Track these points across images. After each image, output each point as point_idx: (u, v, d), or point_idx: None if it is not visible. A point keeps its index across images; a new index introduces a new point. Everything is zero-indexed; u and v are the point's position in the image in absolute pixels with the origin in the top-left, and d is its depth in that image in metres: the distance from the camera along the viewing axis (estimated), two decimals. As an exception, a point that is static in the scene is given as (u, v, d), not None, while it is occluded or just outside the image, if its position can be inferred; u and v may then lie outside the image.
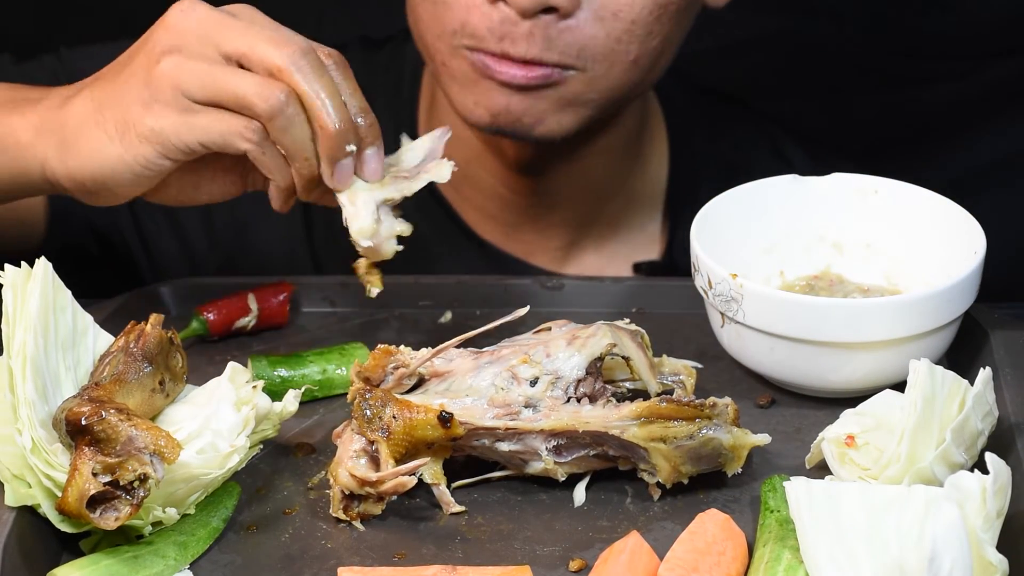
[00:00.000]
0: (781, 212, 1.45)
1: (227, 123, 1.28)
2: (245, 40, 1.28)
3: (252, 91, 1.27)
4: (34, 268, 1.25)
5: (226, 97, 1.27)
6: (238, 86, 1.27)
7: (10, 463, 1.19)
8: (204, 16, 1.28)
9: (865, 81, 1.98)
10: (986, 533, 1.11)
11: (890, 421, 1.24)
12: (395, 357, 1.28)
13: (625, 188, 1.70)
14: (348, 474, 1.23)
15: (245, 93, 1.27)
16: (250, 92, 1.27)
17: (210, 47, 1.28)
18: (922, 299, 1.30)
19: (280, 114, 1.27)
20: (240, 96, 1.27)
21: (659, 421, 1.23)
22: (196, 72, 1.27)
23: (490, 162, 1.65)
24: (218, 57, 1.28)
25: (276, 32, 1.29)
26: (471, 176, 1.68)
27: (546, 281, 1.51)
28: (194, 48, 1.28)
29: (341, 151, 1.30)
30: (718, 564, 1.15)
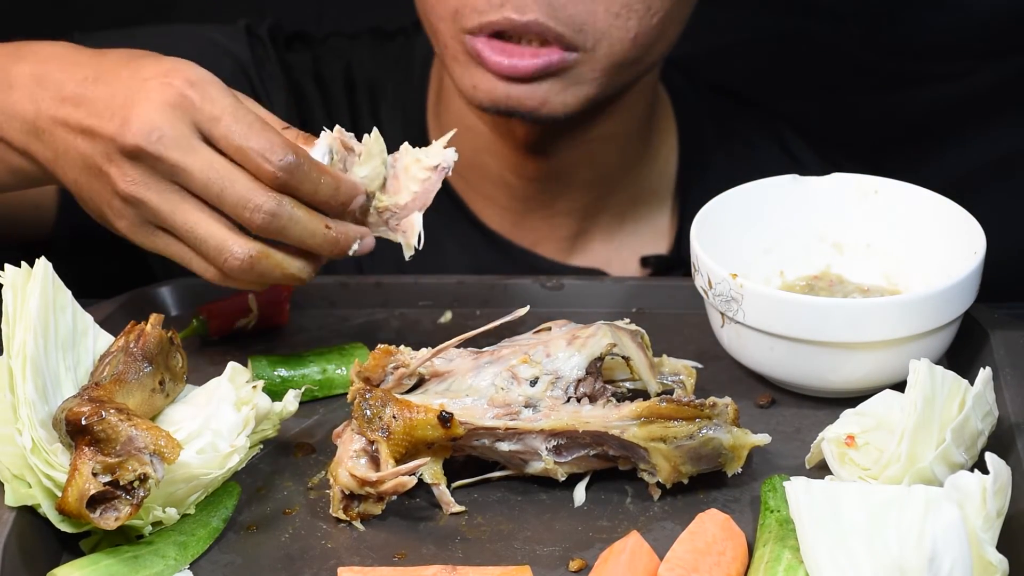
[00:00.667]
0: (781, 212, 1.45)
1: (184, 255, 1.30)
2: (210, 192, 1.26)
3: (211, 253, 1.27)
4: (34, 268, 1.25)
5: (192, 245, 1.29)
6: (201, 245, 1.27)
7: (10, 463, 1.19)
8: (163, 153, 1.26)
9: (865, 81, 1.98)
10: (986, 533, 1.11)
11: (890, 421, 1.24)
12: (395, 357, 1.28)
13: (633, 179, 1.71)
14: (348, 474, 1.23)
15: (208, 253, 1.28)
16: (210, 254, 1.27)
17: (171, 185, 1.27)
18: (922, 299, 1.30)
19: (247, 273, 1.28)
20: (203, 252, 1.28)
21: (659, 421, 1.23)
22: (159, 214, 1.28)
23: (498, 148, 1.65)
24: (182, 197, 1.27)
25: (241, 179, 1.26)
26: (479, 164, 1.67)
27: (546, 281, 1.51)
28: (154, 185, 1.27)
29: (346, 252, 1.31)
30: (718, 564, 1.15)
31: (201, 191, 1.26)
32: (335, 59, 1.75)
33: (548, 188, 1.67)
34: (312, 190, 1.27)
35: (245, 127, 1.26)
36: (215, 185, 1.25)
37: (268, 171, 1.25)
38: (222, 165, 1.26)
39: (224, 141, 1.26)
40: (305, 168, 1.26)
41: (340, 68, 1.74)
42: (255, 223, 1.26)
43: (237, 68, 1.70)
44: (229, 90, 1.28)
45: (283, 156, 1.25)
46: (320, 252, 1.29)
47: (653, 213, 1.73)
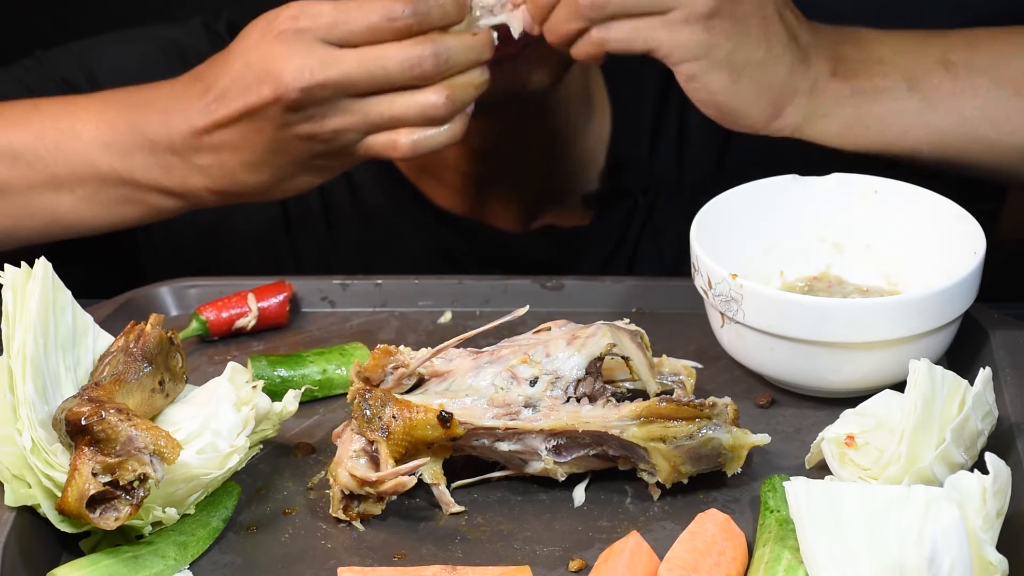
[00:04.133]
0: (781, 212, 1.45)
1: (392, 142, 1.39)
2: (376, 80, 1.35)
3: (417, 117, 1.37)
4: (34, 268, 1.25)
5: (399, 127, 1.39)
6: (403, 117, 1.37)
7: (10, 463, 1.19)
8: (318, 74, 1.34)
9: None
10: (986, 533, 1.11)
11: (890, 421, 1.24)
12: (395, 357, 1.28)
13: (579, 141, 1.71)
14: (348, 474, 1.23)
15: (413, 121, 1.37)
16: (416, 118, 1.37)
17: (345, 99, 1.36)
18: (922, 299, 1.30)
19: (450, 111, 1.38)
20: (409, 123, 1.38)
21: (659, 421, 1.23)
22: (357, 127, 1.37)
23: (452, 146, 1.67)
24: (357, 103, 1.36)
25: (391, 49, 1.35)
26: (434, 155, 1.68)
27: (546, 281, 1.51)
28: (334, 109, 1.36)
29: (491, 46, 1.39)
30: (718, 564, 1.15)
31: (370, 85, 1.34)
32: None
33: (500, 169, 1.68)
34: (441, 14, 1.35)
35: (356, 12, 1.34)
36: (376, 71, 1.34)
37: (400, 26, 1.34)
38: (370, 52, 1.34)
39: (353, 35, 1.34)
40: (425, 2, 1.35)
41: None
42: (429, 71, 1.34)
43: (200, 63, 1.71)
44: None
45: (403, 6, 1.34)
46: (482, 58, 1.37)
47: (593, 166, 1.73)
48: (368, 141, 1.38)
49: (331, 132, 1.36)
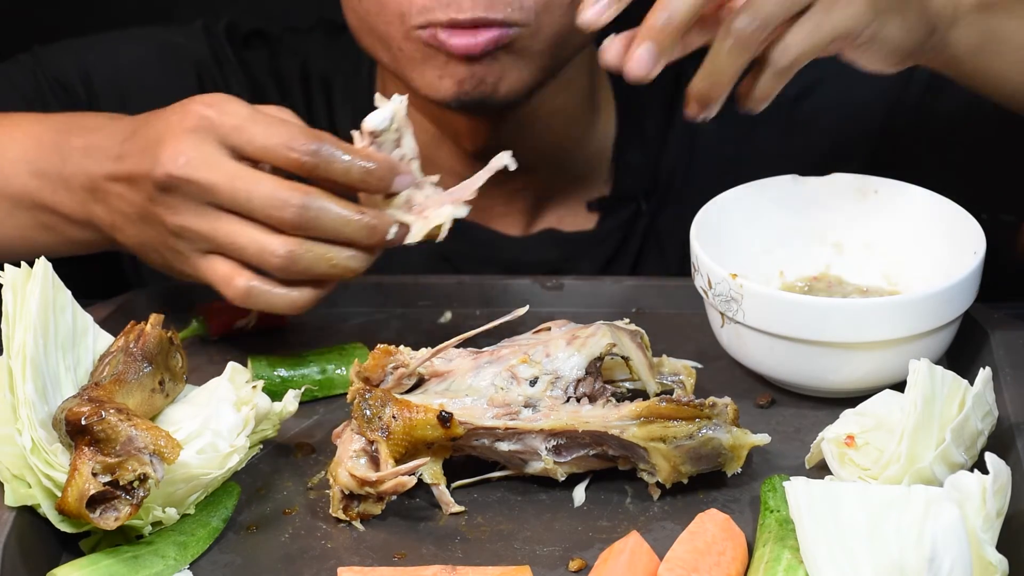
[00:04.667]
0: (781, 212, 1.45)
1: (221, 273, 1.31)
2: (238, 202, 1.28)
3: (252, 255, 1.29)
4: (34, 268, 1.25)
5: (234, 257, 1.31)
6: (241, 251, 1.30)
7: (10, 463, 1.19)
8: (191, 175, 1.29)
9: (865, 81, 1.97)
10: (986, 533, 1.11)
11: (890, 421, 1.24)
12: (395, 357, 1.28)
13: (583, 147, 1.71)
14: (348, 474, 1.23)
15: (248, 258, 1.30)
16: (251, 256, 1.29)
17: (207, 206, 1.30)
18: (922, 299, 1.30)
19: (288, 269, 1.29)
20: (244, 259, 1.30)
21: (659, 421, 1.23)
22: (201, 234, 1.31)
23: (448, 148, 1.66)
24: (218, 212, 1.30)
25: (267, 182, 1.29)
26: (430, 159, 1.68)
27: (546, 281, 1.51)
28: (192, 208, 1.30)
29: (384, 243, 1.32)
30: (718, 564, 1.15)
31: (230, 203, 1.28)
32: (291, 55, 1.76)
33: (500, 175, 1.68)
34: (344, 169, 1.29)
35: (264, 127, 1.29)
36: (242, 193, 1.28)
37: (295, 158, 1.28)
38: (246, 173, 1.28)
39: (249, 146, 1.29)
40: (332, 149, 1.29)
41: (296, 64, 1.75)
42: (287, 219, 1.27)
43: (199, 69, 1.71)
44: (245, 103, 1.31)
45: (307, 141, 1.28)
46: (357, 241, 1.30)
47: (599, 171, 1.73)
48: (211, 260, 1.32)
49: (178, 227, 1.31)
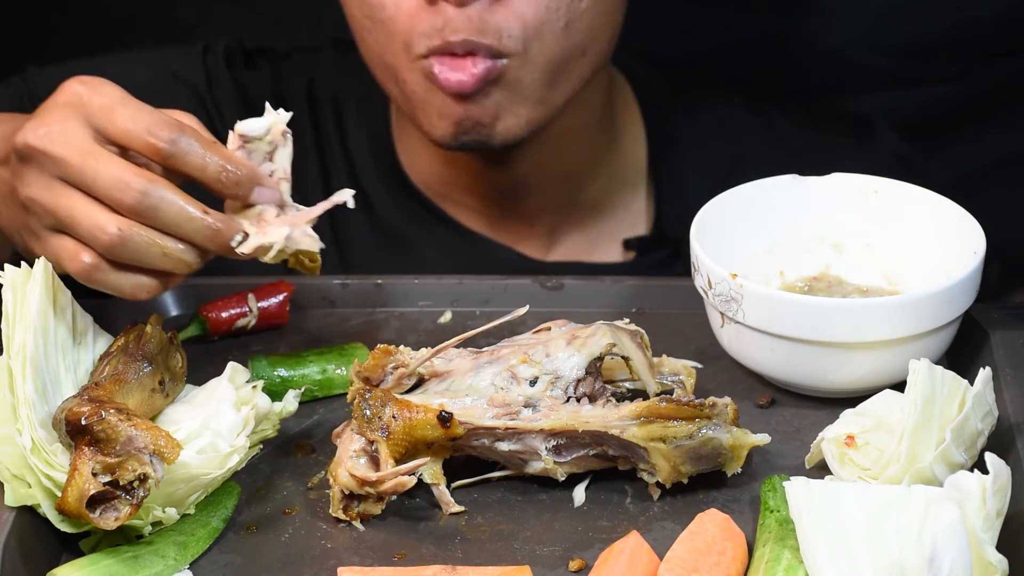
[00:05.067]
0: (781, 212, 1.45)
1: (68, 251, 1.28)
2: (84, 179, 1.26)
3: (85, 233, 1.26)
4: (34, 268, 1.25)
5: (71, 234, 1.27)
6: (75, 227, 1.26)
7: (10, 463, 1.19)
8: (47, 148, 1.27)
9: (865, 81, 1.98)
10: (986, 533, 1.11)
11: (890, 421, 1.24)
12: (395, 357, 1.28)
13: (603, 170, 1.71)
14: (348, 474, 1.23)
15: (81, 235, 1.26)
16: (84, 234, 1.26)
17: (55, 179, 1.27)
18: (922, 299, 1.30)
19: (116, 251, 1.26)
20: (78, 236, 1.27)
21: (659, 421, 1.23)
22: (46, 208, 1.27)
23: (464, 163, 1.65)
24: (64, 187, 1.27)
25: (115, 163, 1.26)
26: (447, 178, 1.68)
27: (546, 281, 1.50)
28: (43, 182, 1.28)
29: (227, 249, 1.29)
30: (718, 564, 1.15)
31: (77, 178, 1.26)
32: (297, 74, 1.75)
33: (518, 192, 1.67)
34: (199, 165, 1.27)
35: (132, 111, 1.27)
36: (89, 169, 1.26)
37: (151, 143, 1.25)
38: (99, 152, 1.26)
39: (112, 127, 1.27)
40: (192, 143, 1.26)
41: (302, 83, 1.74)
42: (125, 202, 1.25)
43: (192, 94, 1.71)
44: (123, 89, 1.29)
45: (168, 130, 1.26)
46: (196, 239, 1.27)
47: (627, 198, 1.73)
48: (59, 237, 1.29)
49: (28, 199, 1.28)
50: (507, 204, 1.68)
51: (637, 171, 1.73)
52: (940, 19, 1.93)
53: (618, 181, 1.72)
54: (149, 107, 1.28)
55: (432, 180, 1.68)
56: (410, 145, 1.69)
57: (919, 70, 1.95)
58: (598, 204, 1.71)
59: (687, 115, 1.75)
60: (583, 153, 1.68)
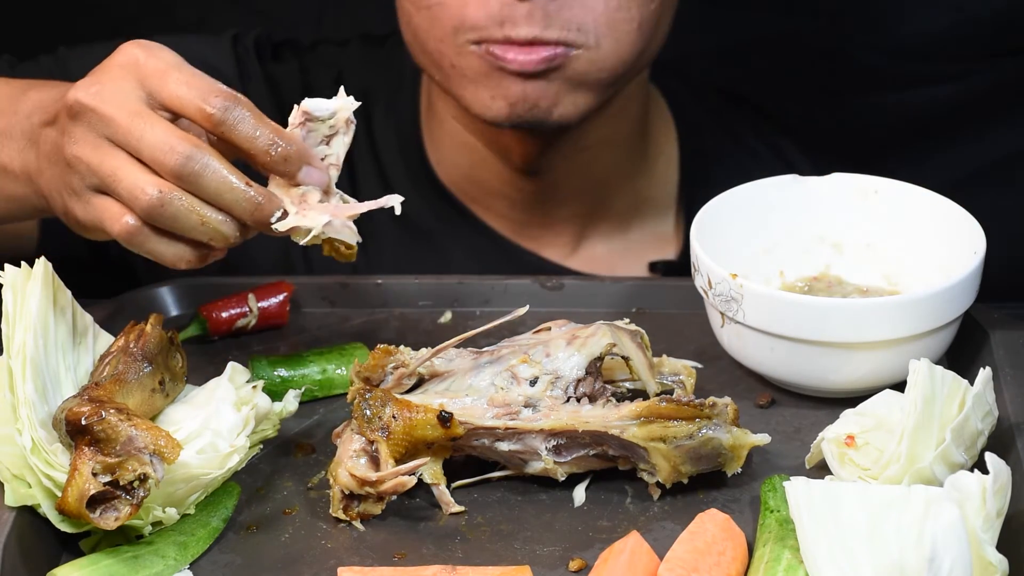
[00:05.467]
0: (781, 212, 1.45)
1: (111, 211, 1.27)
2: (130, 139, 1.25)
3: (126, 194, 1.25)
4: (34, 268, 1.25)
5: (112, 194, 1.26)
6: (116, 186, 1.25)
7: (10, 463, 1.19)
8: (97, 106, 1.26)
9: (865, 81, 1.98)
10: (986, 533, 1.11)
11: (890, 421, 1.24)
12: (395, 357, 1.28)
13: (632, 185, 1.70)
14: (348, 474, 1.23)
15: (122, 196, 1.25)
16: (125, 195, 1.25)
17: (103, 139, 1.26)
18: (922, 299, 1.30)
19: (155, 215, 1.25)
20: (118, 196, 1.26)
21: (659, 421, 1.23)
22: (91, 167, 1.26)
23: (495, 165, 1.65)
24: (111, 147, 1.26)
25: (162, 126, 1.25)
26: (476, 179, 1.68)
27: (546, 281, 1.50)
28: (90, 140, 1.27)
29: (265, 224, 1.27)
30: (718, 564, 1.15)
31: (124, 139, 1.25)
32: (324, 68, 1.74)
33: (547, 198, 1.67)
34: (249, 135, 1.25)
35: (188, 75, 1.26)
36: (136, 130, 1.25)
37: (204, 109, 1.25)
38: (147, 114, 1.25)
39: (164, 92, 1.26)
40: (244, 112, 1.25)
41: (330, 77, 1.73)
42: (168, 164, 1.23)
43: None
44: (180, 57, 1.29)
45: (221, 98, 1.25)
46: (235, 210, 1.26)
47: (656, 219, 1.73)
48: (101, 198, 1.27)
49: (74, 156, 1.27)
50: (534, 210, 1.68)
51: (667, 194, 1.73)
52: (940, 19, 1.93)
53: (646, 200, 1.72)
54: (203, 74, 1.27)
55: (460, 180, 1.68)
56: (440, 144, 1.69)
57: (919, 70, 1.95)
58: (624, 222, 1.71)
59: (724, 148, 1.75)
60: (613, 166, 1.68)
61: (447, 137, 1.67)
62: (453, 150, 1.68)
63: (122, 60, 1.28)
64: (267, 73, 1.72)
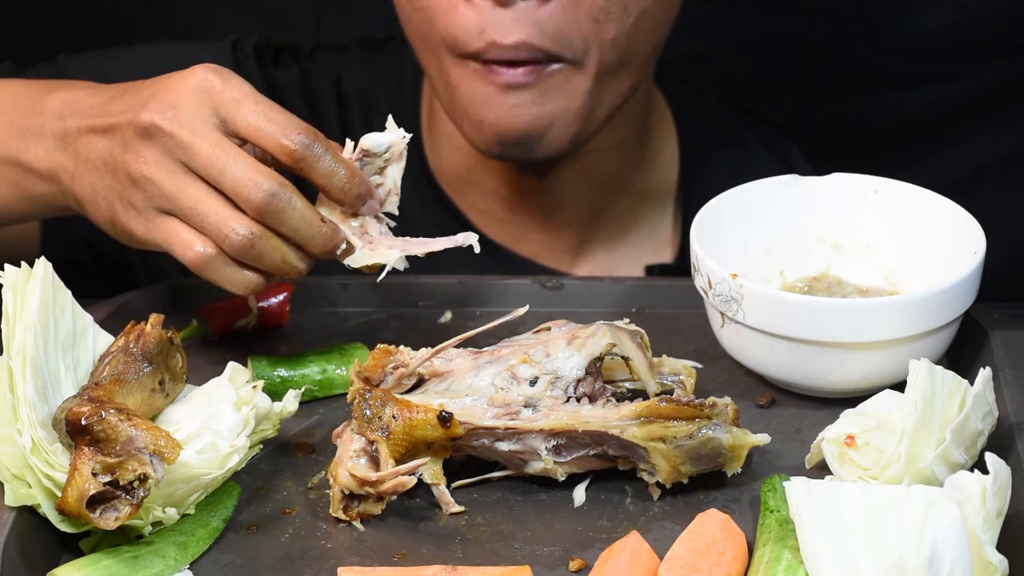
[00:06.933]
0: (781, 212, 1.45)
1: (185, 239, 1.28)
2: (212, 171, 1.27)
3: (215, 230, 1.27)
4: (34, 268, 1.25)
5: (194, 225, 1.28)
6: (203, 221, 1.27)
7: (10, 463, 1.19)
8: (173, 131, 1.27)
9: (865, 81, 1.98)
10: (986, 533, 1.11)
11: (890, 421, 1.24)
12: (395, 357, 1.28)
13: (632, 186, 1.70)
14: (348, 474, 1.23)
15: (209, 230, 1.27)
16: (213, 230, 1.27)
17: (179, 165, 1.28)
18: (922, 299, 1.30)
19: (245, 253, 1.27)
20: (205, 230, 1.27)
21: (659, 421, 1.23)
22: (166, 193, 1.28)
23: (494, 165, 1.65)
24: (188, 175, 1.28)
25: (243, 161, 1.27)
26: (474, 182, 1.68)
27: (546, 281, 1.50)
28: (164, 164, 1.28)
29: (332, 255, 1.31)
30: (718, 564, 1.15)
31: (205, 169, 1.27)
32: (324, 73, 1.74)
33: (546, 202, 1.67)
34: (328, 172, 1.29)
35: (266, 107, 1.28)
36: (219, 162, 1.26)
37: (285, 145, 1.27)
38: (229, 146, 1.27)
39: (243, 121, 1.27)
40: (323, 149, 1.28)
41: (330, 82, 1.73)
42: (254, 201, 1.26)
43: None
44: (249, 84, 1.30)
45: (303, 133, 1.27)
46: (311, 244, 1.29)
47: (654, 220, 1.73)
48: (168, 220, 1.29)
49: (143, 177, 1.28)
50: (533, 215, 1.68)
51: (666, 194, 1.73)
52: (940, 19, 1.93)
53: (645, 201, 1.72)
54: (278, 106, 1.29)
55: (460, 185, 1.68)
56: (440, 149, 1.69)
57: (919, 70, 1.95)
58: (624, 223, 1.71)
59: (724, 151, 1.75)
60: (615, 168, 1.68)
61: (447, 140, 1.67)
62: (453, 154, 1.67)
63: (195, 85, 1.28)
64: (267, 78, 1.72)
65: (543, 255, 1.70)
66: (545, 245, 1.70)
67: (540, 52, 1.47)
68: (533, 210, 1.68)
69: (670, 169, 1.73)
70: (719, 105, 1.80)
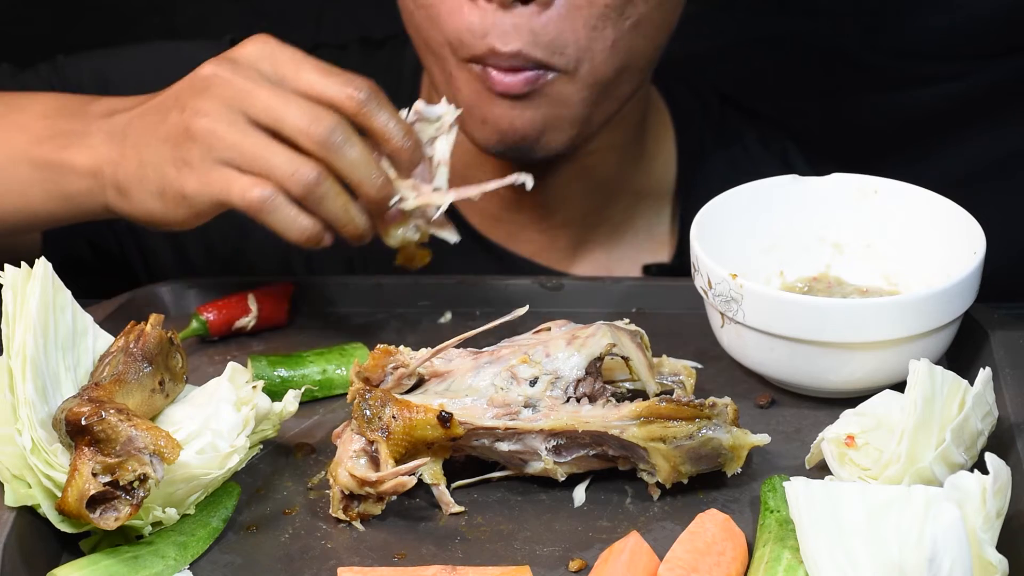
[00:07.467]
0: (781, 212, 1.45)
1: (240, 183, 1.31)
2: (273, 113, 1.30)
3: (282, 171, 1.30)
4: (34, 268, 1.25)
5: (258, 171, 1.31)
6: (269, 163, 1.30)
7: (10, 463, 1.19)
8: (232, 79, 1.31)
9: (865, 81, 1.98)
10: (986, 533, 1.11)
11: (890, 421, 1.24)
12: (395, 357, 1.28)
13: (630, 186, 1.70)
14: (348, 474, 1.23)
15: (275, 172, 1.30)
16: (280, 171, 1.30)
17: (240, 115, 1.31)
18: (922, 299, 1.30)
19: (311, 192, 1.30)
20: (271, 173, 1.30)
21: (658, 421, 1.23)
22: (227, 142, 1.31)
23: (492, 164, 1.65)
24: (249, 125, 1.31)
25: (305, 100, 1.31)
26: (472, 179, 1.67)
27: (546, 281, 1.51)
28: (224, 115, 1.31)
29: (385, 207, 1.35)
30: (718, 564, 1.16)
31: (265, 111, 1.30)
32: None
33: (544, 202, 1.67)
34: (386, 123, 1.32)
35: (325, 64, 1.32)
36: (280, 102, 1.30)
37: (351, 92, 1.31)
38: (282, 89, 1.31)
39: (304, 75, 1.31)
40: (384, 101, 1.33)
41: None
42: (317, 134, 1.29)
43: None
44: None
45: (364, 84, 1.32)
46: (365, 186, 1.32)
47: (652, 220, 1.73)
48: (224, 170, 1.31)
49: (204, 131, 1.30)
50: (531, 214, 1.68)
51: (663, 193, 1.73)
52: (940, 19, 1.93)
53: (644, 201, 1.72)
54: (329, 63, 1.34)
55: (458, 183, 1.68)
56: None
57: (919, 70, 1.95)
58: (622, 224, 1.71)
59: (721, 149, 1.75)
60: (613, 168, 1.68)
61: None
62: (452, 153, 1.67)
63: (252, 49, 1.33)
64: None
65: (540, 254, 1.70)
66: (542, 244, 1.70)
67: (533, 62, 1.48)
68: (530, 210, 1.68)
69: (668, 169, 1.73)
70: (718, 105, 1.80)
